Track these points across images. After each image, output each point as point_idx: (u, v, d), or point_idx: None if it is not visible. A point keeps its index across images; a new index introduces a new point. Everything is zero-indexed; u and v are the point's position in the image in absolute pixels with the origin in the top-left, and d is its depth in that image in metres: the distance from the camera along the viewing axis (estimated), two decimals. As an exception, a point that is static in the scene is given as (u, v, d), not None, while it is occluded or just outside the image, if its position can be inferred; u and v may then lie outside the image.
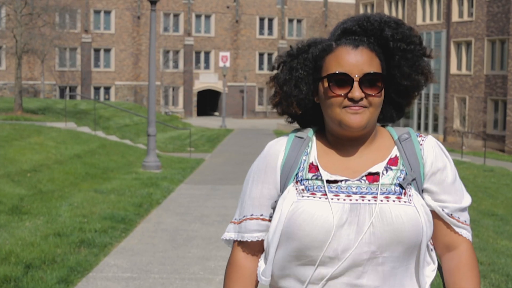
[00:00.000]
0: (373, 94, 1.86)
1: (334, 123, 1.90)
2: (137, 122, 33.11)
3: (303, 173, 1.91)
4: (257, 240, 1.95)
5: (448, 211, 1.92)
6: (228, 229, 2.02)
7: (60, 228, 8.28)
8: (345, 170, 1.90)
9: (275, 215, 1.90)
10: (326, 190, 1.85)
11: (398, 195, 1.85)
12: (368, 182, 1.88)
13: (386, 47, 1.92)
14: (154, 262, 7.18)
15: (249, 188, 1.99)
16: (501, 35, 38.91)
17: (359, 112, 1.85)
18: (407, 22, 46.39)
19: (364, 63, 1.86)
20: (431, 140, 1.97)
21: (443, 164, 1.93)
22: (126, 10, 58.40)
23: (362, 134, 1.93)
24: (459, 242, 1.94)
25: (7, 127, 18.26)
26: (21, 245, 7.20)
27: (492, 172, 19.91)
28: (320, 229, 1.80)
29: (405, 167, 1.90)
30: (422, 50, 1.95)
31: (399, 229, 1.80)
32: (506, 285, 6.58)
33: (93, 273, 6.61)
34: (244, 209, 1.98)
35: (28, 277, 6.10)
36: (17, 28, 24.08)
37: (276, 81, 1.99)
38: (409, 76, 1.92)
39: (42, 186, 11.62)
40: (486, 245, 8.86)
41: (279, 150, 1.97)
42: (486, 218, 11.51)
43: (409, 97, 1.99)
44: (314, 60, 1.94)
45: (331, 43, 1.92)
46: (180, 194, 12.37)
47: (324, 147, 1.97)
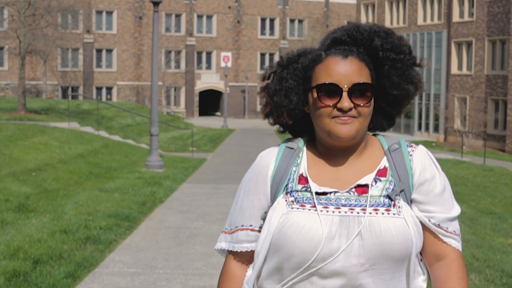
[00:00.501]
0: (362, 104, 1.87)
1: (323, 133, 1.91)
2: (139, 122, 33.32)
3: (292, 184, 1.91)
4: (247, 250, 1.97)
5: (435, 221, 1.91)
6: (220, 239, 2.04)
7: (66, 225, 8.48)
8: (334, 181, 1.91)
9: (264, 226, 1.90)
10: (315, 202, 1.85)
11: (387, 207, 1.85)
12: (357, 194, 1.88)
13: (376, 57, 1.92)
14: (158, 258, 7.37)
15: (240, 199, 2.01)
16: (501, 35, 39.06)
17: (348, 122, 1.86)
18: (408, 22, 46.59)
19: (353, 73, 1.87)
20: (421, 150, 1.96)
21: (431, 175, 1.93)
22: (128, 11, 58.57)
23: (352, 144, 1.93)
24: (448, 252, 1.94)
25: (11, 127, 18.47)
26: (29, 242, 7.40)
27: (492, 172, 20.08)
28: (309, 242, 1.80)
29: (394, 178, 1.91)
30: (412, 60, 1.96)
31: (388, 242, 1.81)
32: (500, 280, 6.77)
33: (99, 268, 6.81)
34: (236, 220, 2.00)
35: (37, 272, 6.30)
36: (20, 29, 24.28)
37: (267, 91, 1.99)
38: (398, 85, 1.93)
39: (47, 185, 11.82)
40: (483, 242, 9.05)
41: (269, 161, 1.97)
42: (484, 216, 11.69)
43: (399, 106, 1.99)
44: (304, 70, 1.94)
45: (321, 53, 1.92)
46: (182, 193, 12.55)
47: (314, 157, 1.97)
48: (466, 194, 14.69)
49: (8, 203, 9.68)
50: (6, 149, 14.79)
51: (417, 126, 45.73)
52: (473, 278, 6.79)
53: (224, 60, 50.34)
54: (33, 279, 6.07)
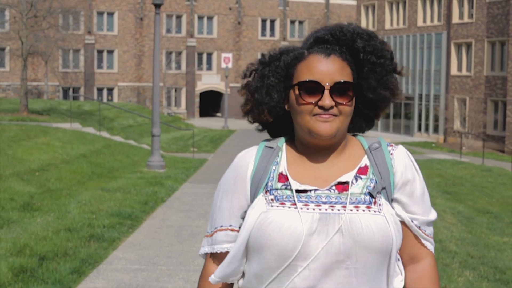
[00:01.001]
0: (344, 103, 1.86)
1: (304, 131, 1.90)
2: (140, 123, 33.51)
3: (272, 183, 1.90)
4: (227, 251, 1.93)
5: (417, 223, 1.93)
6: (203, 244, 2.01)
7: (70, 223, 8.67)
8: (314, 179, 1.90)
9: (243, 224, 1.89)
10: (295, 200, 1.84)
11: (368, 205, 1.85)
12: (337, 192, 1.87)
13: (357, 59, 1.92)
14: (160, 255, 7.56)
15: (219, 200, 1.98)
16: (501, 36, 39.25)
17: (329, 120, 1.85)
18: (408, 23, 46.77)
19: (335, 71, 1.87)
20: (402, 150, 1.97)
21: (412, 176, 1.94)
22: (129, 12, 58.76)
23: (332, 143, 1.92)
24: (424, 255, 1.96)
25: (14, 127, 18.66)
26: (34, 239, 7.59)
27: (490, 172, 20.27)
28: (289, 239, 1.79)
29: (375, 176, 1.90)
30: (392, 66, 1.95)
31: (369, 239, 1.80)
32: (494, 276, 6.95)
33: (103, 265, 6.99)
34: (215, 221, 1.97)
35: (43, 268, 6.49)
36: (22, 30, 24.48)
37: (248, 88, 1.99)
38: (375, 89, 1.93)
39: (51, 185, 12.01)
40: (478, 240, 9.24)
41: (248, 161, 1.95)
42: (480, 216, 11.88)
43: (377, 109, 1.99)
44: (286, 68, 1.94)
45: (303, 51, 1.93)
46: (184, 193, 12.73)
47: (294, 156, 1.96)
48: (463, 194, 14.88)
49: (13, 202, 9.87)
50: (9, 149, 14.98)
51: (417, 127, 45.92)
52: (467, 274, 6.97)
53: (225, 61, 50.52)
54: (39, 275, 6.26)
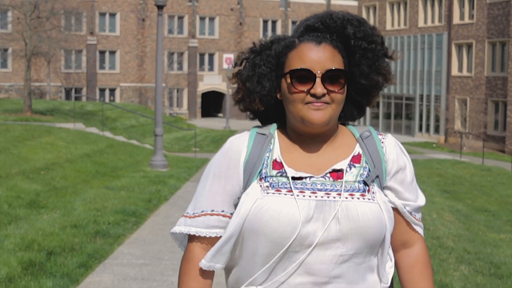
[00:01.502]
0: (336, 91, 1.86)
1: (296, 120, 1.90)
2: (143, 123, 33.73)
3: (267, 170, 1.89)
4: (216, 236, 1.91)
5: (409, 209, 1.97)
6: (179, 223, 1.96)
7: (76, 220, 8.87)
8: (308, 167, 1.90)
9: (237, 210, 1.87)
10: (291, 187, 1.84)
11: (362, 192, 1.86)
12: (332, 179, 1.87)
13: (348, 45, 1.92)
14: (164, 250, 7.76)
15: (209, 183, 1.95)
16: (501, 37, 39.43)
17: (321, 108, 1.85)
18: (409, 24, 46.95)
19: (326, 59, 1.87)
20: (391, 138, 1.99)
21: (403, 163, 1.97)
22: (131, 13, 58.98)
23: (324, 131, 1.93)
24: (415, 240, 2.00)
25: (19, 127, 18.89)
26: (42, 235, 7.79)
27: (489, 172, 20.45)
28: (286, 226, 1.79)
29: (368, 164, 1.92)
30: (383, 50, 1.96)
31: (365, 226, 1.82)
32: (489, 271, 7.15)
33: (109, 260, 7.19)
34: (202, 204, 1.94)
35: (51, 262, 6.70)
36: (26, 31, 24.70)
37: (239, 77, 1.99)
38: (367, 75, 1.93)
39: (56, 183, 12.21)
40: (476, 237, 9.43)
41: (241, 146, 1.94)
42: (478, 214, 12.06)
43: (369, 96, 1.99)
44: (277, 57, 1.94)
45: (294, 39, 1.93)
46: (186, 191, 12.92)
47: (287, 143, 1.95)
48: (462, 192, 15.06)
49: (19, 199, 10.08)
50: (14, 149, 15.20)
51: (418, 127, 46.09)
52: (463, 269, 7.16)
53: (227, 61, 50.77)
54: (48, 269, 6.46)
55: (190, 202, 1.99)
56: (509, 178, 18.98)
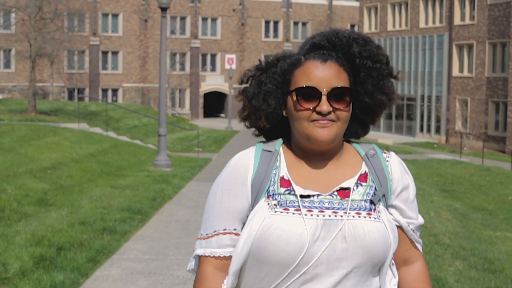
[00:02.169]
0: (341, 108, 1.87)
1: (302, 137, 1.91)
2: (145, 123, 34.02)
3: (274, 188, 1.89)
4: (230, 255, 1.91)
5: (412, 227, 2.00)
6: (196, 246, 1.97)
7: (83, 217, 9.14)
8: (316, 184, 1.90)
9: (245, 228, 1.88)
10: (300, 206, 1.85)
11: (368, 211, 1.87)
12: (339, 197, 1.88)
13: (353, 64, 1.93)
14: (169, 246, 8.03)
15: (217, 202, 1.94)
16: (502, 38, 39.67)
17: (327, 126, 1.86)
18: (410, 25, 47.19)
19: (332, 77, 1.88)
20: (396, 157, 2.01)
21: (407, 182, 1.99)
22: (134, 13, 59.27)
23: (330, 149, 1.93)
24: (416, 257, 2.03)
25: (24, 127, 19.18)
26: (51, 231, 8.07)
27: (488, 171, 20.68)
28: (294, 246, 1.80)
29: (375, 183, 1.93)
30: (388, 70, 1.96)
31: (371, 245, 1.83)
32: (482, 266, 7.41)
33: (116, 255, 7.47)
34: (214, 223, 1.93)
35: (61, 257, 6.97)
36: (31, 32, 25.00)
37: (245, 94, 2.00)
38: (371, 94, 1.94)
39: (62, 182, 12.50)
40: (472, 234, 9.69)
41: (247, 163, 1.93)
42: (476, 212, 12.32)
43: (373, 114, 2.00)
44: (283, 74, 1.95)
45: (300, 57, 1.94)
46: (190, 190, 13.19)
47: (293, 160, 1.96)
48: (461, 192, 15.32)
49: (28, 197, 10.35)
50: (21, 148, 15.49)
51: (419, 128, 46.34)
52: (458, 264, 7.43)
53: (229, 62, 50.99)
54: (58, 263, 6.73)
55: (201, 223, 1.99)
56: (508, 178, 19.23)
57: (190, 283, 6.45)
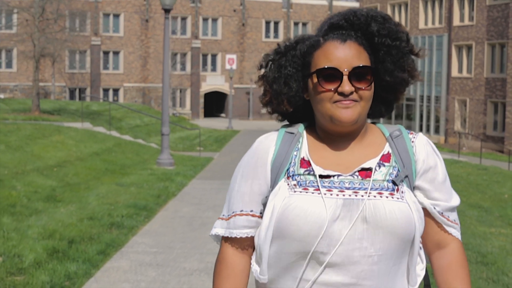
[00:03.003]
0: (363, 88, 1.85)
1: (325, 119, 1.89)
2: (147, 123, 34.36)
3: (294, 168, 1.88)
4: (247, 236, 1.92)
5: (439, 209, 1.92)
6: (216, 225, 1.99)
7: (91, 213, 9.47)
8: (337, 165, 1.88)
9: (266, 211, 1.87)
10: (319, 185, 1.83)
11: (391, 191, 1.83)
12: (361, 178, 1.85)
13: (372, 42, 1.91)
14: (175, 240, 8.35)
15: (237, 184, 1.96)
16: (500, 39, 39.95)
17: (350, 106, 1.84)
18: (410, 26, 47.48)
19: (352, 56, 1.86)
20: (423, 137, 1.96)
21: (434, 162, 1.93)
22: (135, 13, 59.56)
23: (353, 129, 1.91)
24: (449, 241, 1.95)
25: (29, 126, 19.51)
26: (62, 226, 8.40)
27: (486, 171, 21.02)
28: (313, 224, 1.78)
29: (398, 163, 1.89)
30: (409, 47, 1.93)
31: (392, 225, 1.79)
32: (475, 259, 7.73)
33: (125, 248, 7.79)
34: (233, 205, 1.95)
35: (73, 249, 7.30)
36: (35, 33, 25.33)
37: (265, 79, 1.99)
38: (392, 72, 1.91)
39: (69, 179, 12.83)
40: (467, 230, 10.00)
41: (269, 145, 1.94)
42: (472, 210, 12.64)
43: (396, 92, 1.98)
44: (303, 57, 1.94)
45: (319, 38, 1.92)
46: (193, 188, 13.51)
47: (315, 142, 1.94)
48: (458, 190, 15.32)
49: (37, 194, 10.68)
50: (27, 147, 15.82)
51: (418, 128, 46.62)
52: (452, 257, 7.75)
53: (229, 62, 51.33)
54: (70, 255, 7.06)
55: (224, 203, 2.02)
56: (505, 177, 19.56)
57: (197, 274, 6.79)
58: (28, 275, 6.22)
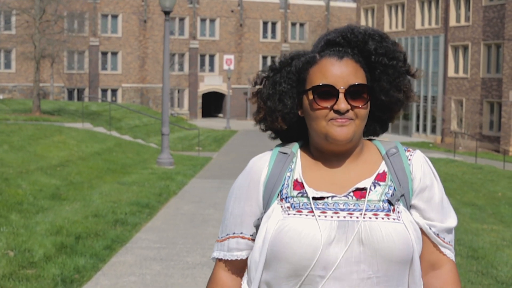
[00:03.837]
0: (359, 106, 1.82)
1: (319, 137, 1.85)
2: (146, 123, 34.66)
3: (287, 190, 1.85)
4: (237, 259, 1.92)
5: (435, 230, 1.88)
6: (214, 248, 1.99)
7: (95, 210, 9.77)
8: (331, 186, 1.85)
9: (259, 234, 1.85)
10: (312, 207, 1.79)
11: (387, 212, 1.80)
12: (355, 198, 1.82)
13: (369, 60, 1.88)
14: (178, 236, 8.65)
15: (231, 206, 1.94)
16: (496, 39, 40.29)
17: (346, 124, 1.80)
18: (406, 26, 47.81)
19: (349, 74, 1.83)
20: (420, 155, 1.93)
21: (431, 182, 1.89)
22: (133, 14, 59.84)
23: (348, 148, 1.87)
24: (444, 262, 1.91)
25: (31, 127, 19.82)
26: (68, 222, 8.69)
27: (480, 170, 21.36)
28: (307, 248, 1.74)
29: (394, 182, 1.86)
30: (406, 68, 1.91)
31: (390, 248, 1.75)
32: (466, 254, 8.06)
33: (130, 244, 8.09)
34: (227, 227, 1.94)
35: (80, 244, 7.61)
36: (35, 34, 25.62)
37: (260, 96, 1.95)
38: (387, 91, 1.88)
39: (72, 178, 13.12)
40: (460, 226, 10.30)
41: (262, 166, 1.91)
42: (465, 207, 12.97)
43: (390, 111, 1.95)
44: (298, 73, 1.90)
45: (315, 55, 1.89)
46: (193, 187, 13.81)
47: (309, 162, 1.91)
48: (453, 189, 15.96)
49: (42, 192, 10.97)
50: (30, 147, 16.12)
51: (415, 128, 46.98)
52: (444, 252, 8.06)
53: (227, 62, 51.65)
54: (78, 250, 7.37)
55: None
56: (499, 176, 19.89)
57: (200, 267, 7.10)
58: (39, 268, 6.53)
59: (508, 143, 37.83)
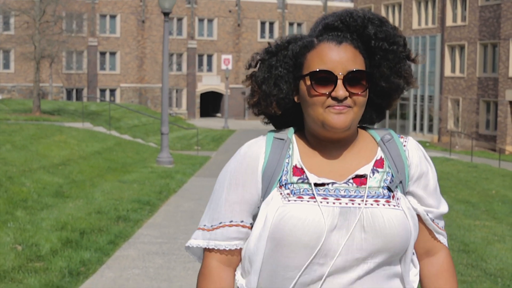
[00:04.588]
0: (358, 93, 1.76)
1: (316, 124, 1.80)
2: (145, 123, 34.94)
3: (287, 177, 1.80)
4: (235, 248, 1.83)
5: (431, 216, 1.88)
6: (196, 236, 1.87)
7: (98, 207, 10.04)
8: (330, 172, 1.81)
9: (258, 221, 1.79)
10: (314, 193, 1.75)
11: (387, 199, 1.77)
12: (355, 185, 1.78)
13: (368, 45, 1.82)
14: (179, 232, 8.92)
15: (225, 192, 1.84)
16: (492, 39, 40.53)
17: (343, 112, 1.75)
18: (403, 26, 48.04)
19: (348, 60, 1.77)
20: (414, 142, 1.90)
21: (426, 168, 1.88)
22: (131, 14, 60.05)
23: (345, 136, 1.83)
24: (439, 248, 1.92)
25: (32, 127, 20.09)
26: (72, 219, 8.97)
27: (476, 168, 21.65)
28: (312, 234, 1.70)
29: (391, 169, 1.83)
30: (406, 53, 1.85)
31: (391, 234, 1.73)
32: (458, 248, 8.34)
33: (132, 239, 8.37)
34: (220, 215, 1.83)
35: (85, 239, 7.88)
36: (35, 35, 25.88)
37: (254, 79, 1.88)
38: (388, 77, 1.83)
39: (74, 177, 13.39)
40: (453, 222, 10.61)
41: (258, 152, 1.84)
42: (459, 204, 13.25)
43: (390, 99, 1.89)
44: (294, 57, 1.84)
45: (313, 39, 1.83)
46: (192, 185, 14.08)
47: (306, 148, 1.85)
48: (448, 187, 16.24)
49: (46, 190, 11.25)
50: (32, 146, 16.39)
51: (412, 127, 47.23)
52: (436, 246, 8.35)
53: (225, 62, 51.86)
54: (83, 244, 7.64)
55: (204, 213, 1.89)
56: (494, 174, 20.18)
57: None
58: (47, 261, 6.80)
59: (504, 142, 38.11)
